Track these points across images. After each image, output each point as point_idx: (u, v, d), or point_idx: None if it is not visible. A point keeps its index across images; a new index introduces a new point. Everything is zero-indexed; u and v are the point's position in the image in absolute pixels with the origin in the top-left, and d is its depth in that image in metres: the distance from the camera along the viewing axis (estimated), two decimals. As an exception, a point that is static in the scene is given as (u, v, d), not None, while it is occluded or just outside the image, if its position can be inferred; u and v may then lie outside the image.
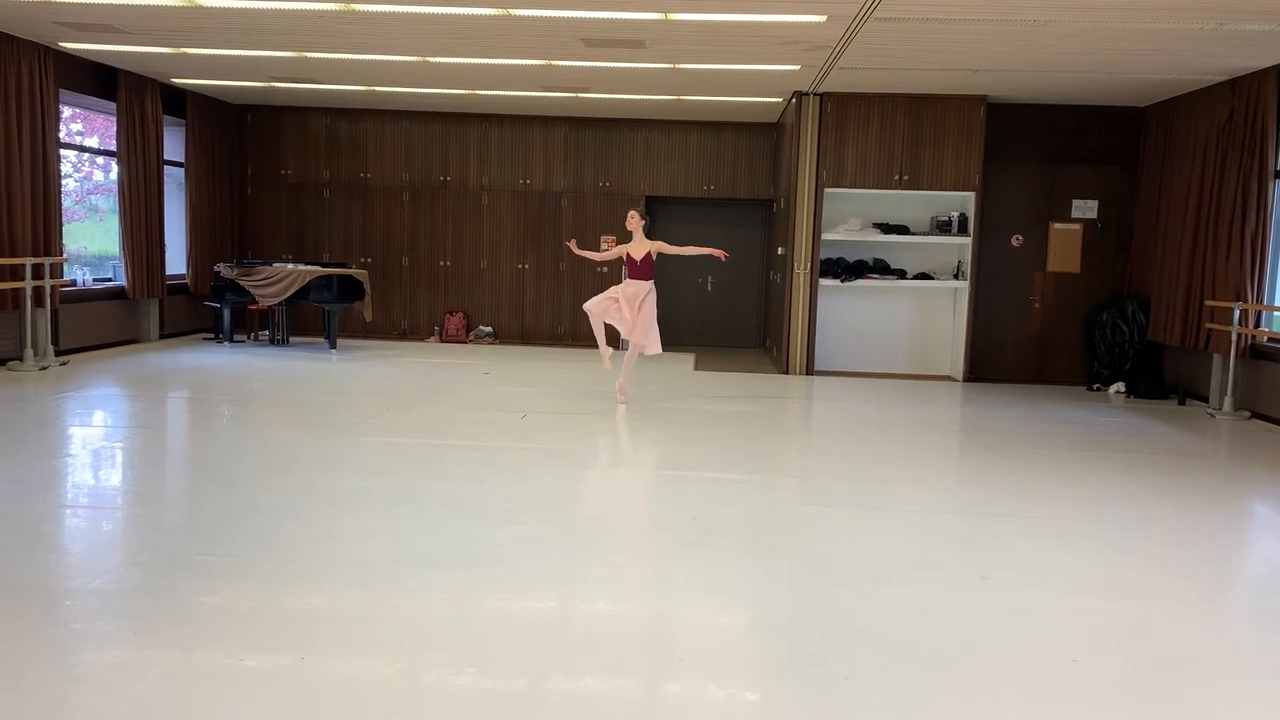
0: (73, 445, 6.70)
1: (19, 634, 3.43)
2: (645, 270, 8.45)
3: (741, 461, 6.71)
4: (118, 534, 4.79)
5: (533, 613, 3.87)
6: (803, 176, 10.95)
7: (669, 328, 13.84)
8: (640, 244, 8.46)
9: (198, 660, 3.30)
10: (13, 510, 4.93)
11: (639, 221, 8.49)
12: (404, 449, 6.73)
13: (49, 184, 9.81)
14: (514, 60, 9.59)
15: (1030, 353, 11.37)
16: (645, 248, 8.43)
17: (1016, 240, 11.25)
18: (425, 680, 3.21)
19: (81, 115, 11.70)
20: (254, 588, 4.00)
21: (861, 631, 3.73)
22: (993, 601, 4.13)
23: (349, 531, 4.76)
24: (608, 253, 9.11)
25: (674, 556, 4.56)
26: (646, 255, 8.43)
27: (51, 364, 9.59)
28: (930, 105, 10.77)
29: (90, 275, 11.48)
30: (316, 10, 7.82)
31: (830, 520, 5.31)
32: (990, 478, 6.49)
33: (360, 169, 13.45)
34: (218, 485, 5.65)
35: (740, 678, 3.34)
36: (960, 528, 5.36)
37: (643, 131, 13.25)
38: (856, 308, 11.52)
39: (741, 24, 7.80)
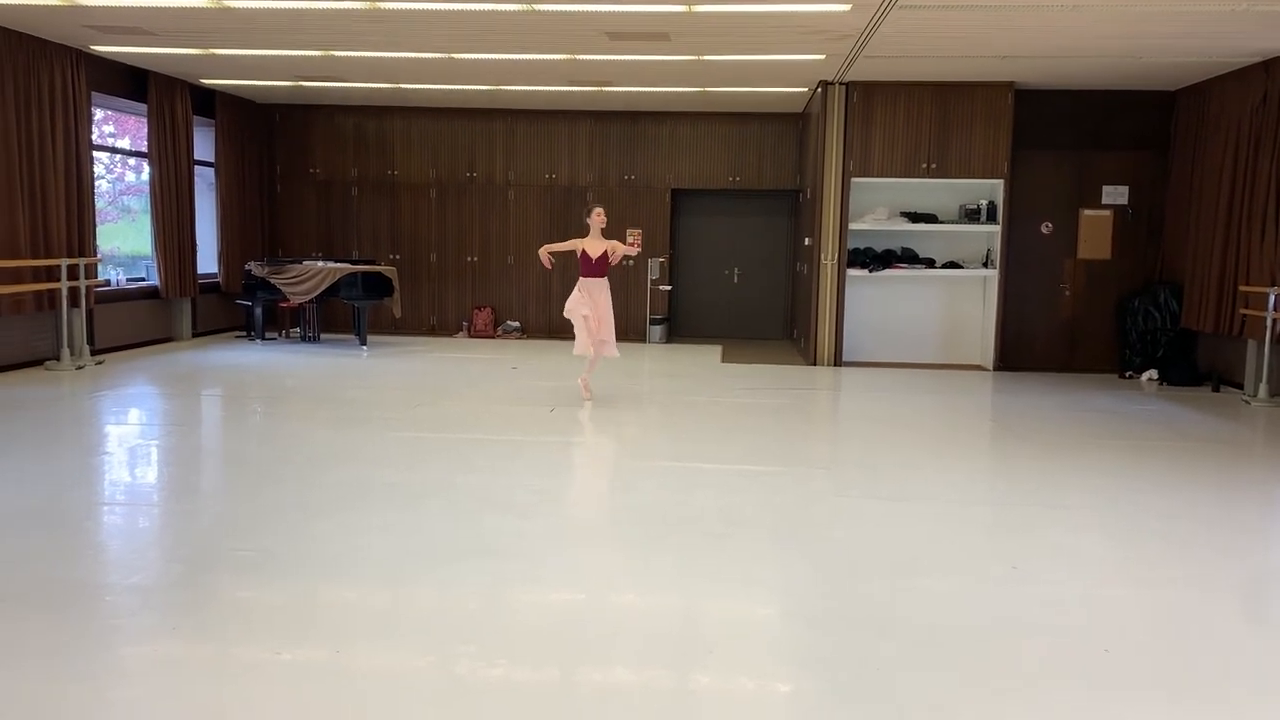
0: (109, 443, 6.81)
1: (61, 628, 3.49)
2: (601, 268, 8.29)
3: (770, 453, 6.71)
4: (155, 530, 4.86)
5: (563, 605, 3.90)
6: (829, 166, 10.91)
7: (696, 319, 13.94)
8: (599, 241, 8.28)
9: (234, 654, 3.35)
10: (53, 507, 5.02)
11: (603, 219, 8.30)
12: (434, 443, 6.78)
13: (82, 186, 9.95)
14: (538, 55, 9.61)
15: (1061, 341, 11.27)
16: (603, 246, 8.27)
17: (1046, 227, 11.15)
18: (458, 672, 3.24)
19: (113, 117, 11.84)
20: (288, 582, 4.06)
21: (893, 622, 3.72)
22: (1024, 592, 4.12)
23: (381, 525, 4.81)
24: (563, 244, 8.65)
25: (703, 548, 4.57)
26: (604, 253, 8.27)
27: (87, 363, 9.74)
28: (957, 93, 10.68)
29: (124, 275, 11.62)
30: (343, 9, 7.87)
31: (860, 511, 5.31)
32: (1021, 467, 6.45)
33: (388, 166, 13.53)
34: (252, 481, 5.72)
35: (771, 669, 3.35)
36: (991, 517, 5.34)
37: (667, 124, 13.24)
38: (885, 298, 11.47)
39: (766, 14, 7.77)
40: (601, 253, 8.26)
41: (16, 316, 9.22)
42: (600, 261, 8.26)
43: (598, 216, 8.29)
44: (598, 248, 8.27)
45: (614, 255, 8.32)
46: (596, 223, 8.28)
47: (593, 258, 8.26)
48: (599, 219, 8.29)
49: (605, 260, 8.27)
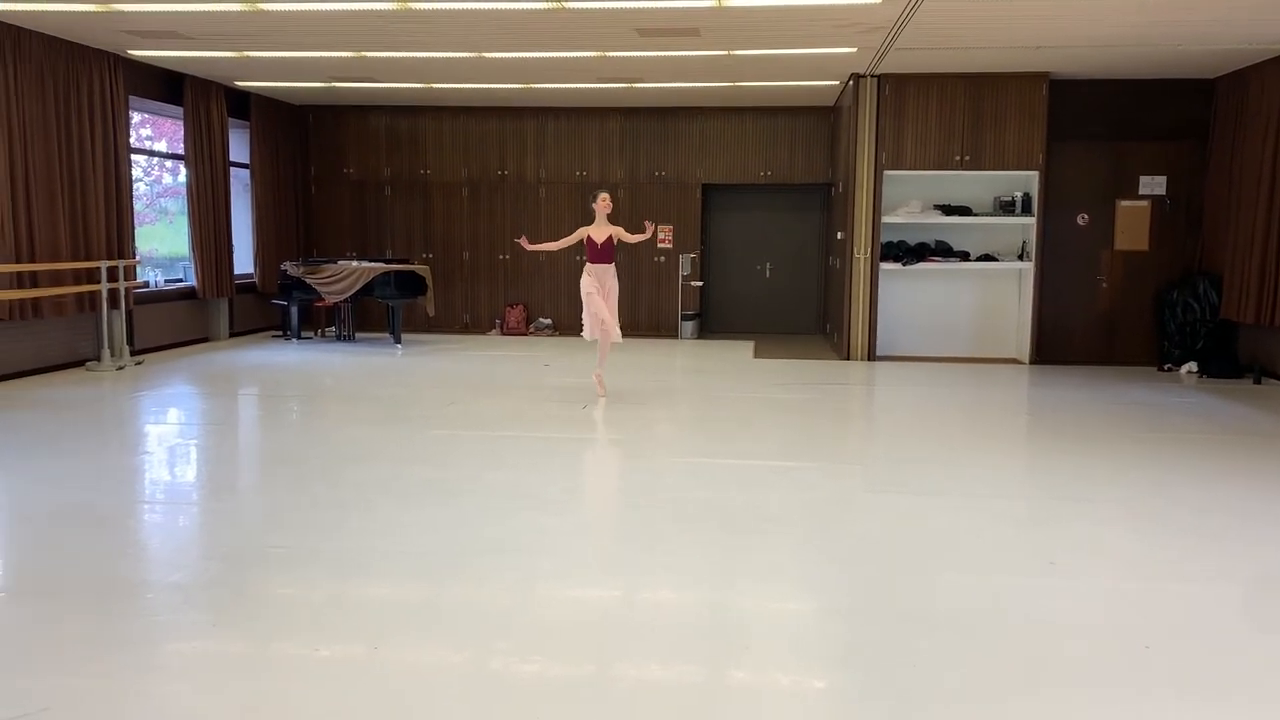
0: (150, 443, 6.91)
1: (105, 625, 3.55)
2: (607, 254, 8.27)
3: (803, 449, 6.69)
4: (195, 528, 4.93)
5: (597, 601, 3.91)
6: (861, 159, 10.84)
7: (728, 315, 13.91)
8: (604, 228, 8.27)
9: (273, 650, 3.40)
10: (96, 506, 5.10)
11: (609, 204, 8.29)
12: (468, 441, 6.82)
13: (121, 189, 10.09)
14: (568, 53, 9.63)
15: (1098, 333, 11.14)
16: (608, 231, 8.26)
17: (1082, 219, 11.03)
18: (493, 667, 3.26)
19: (150, 120, 12.00)
20: (326, 579, 4.10)
21: (927, 618, 3.70)
22: (1061, 587, 4.08)
23: (417, 522, 4.85)
24: (568, 238, 8.58)
25: (737, 544, 4.57)
26: (609, 239, 8.26)
27: (127, 364, 9.88)
28: (991, 84, 10.58)
29: (162, 276, 11.78)
30: (374, 10, 7.92)
31: (894, 506, 5.28)
32: (1058, 461, 6.39)
33: (420, 166, 13.61)
34: (289, 479, 5.78)
35: (806, 665, 3.34)
36: (1027, 512, 5.29)
37: (698, 119, 13.22)
38: (918, 291, 11.39)
39: (796, 8, 7.74)
40: (606, 238, 8.24)
41: (58, 318, 9.38)
42: (606, 247, 8.25)
43: (603, 203, 8.28)
44: (603, 233, 8.26)
45: (628, 239, 8.40)
46: (602, 209, 8.26)
47: (598, 243, 8.25)
48: (604, 205, 8.27)
49: (611, 246, 8.27)
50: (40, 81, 8.99)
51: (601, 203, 8.28)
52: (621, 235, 8.38)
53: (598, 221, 8.28)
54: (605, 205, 8.28)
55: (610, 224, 8.32)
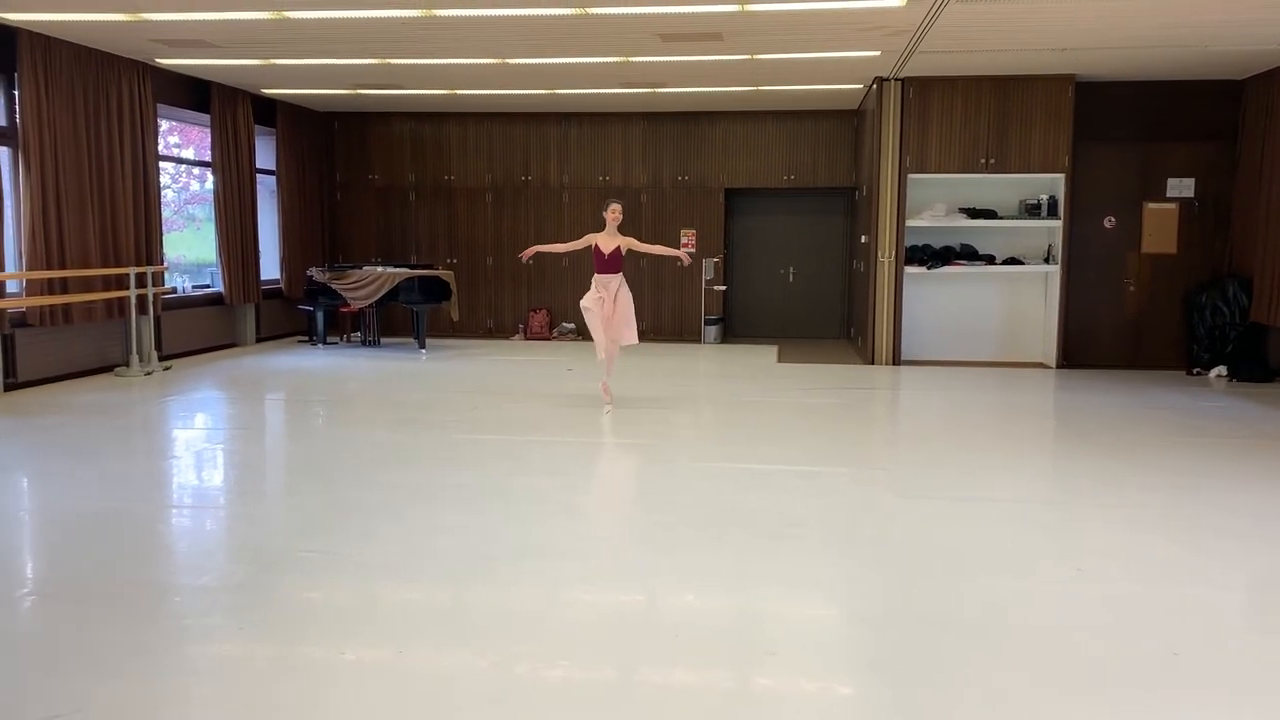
0: (177, 447, 6.97)
1: (133, 628, 3.59)
2: (615, 264, 8.16)
3: (828, 454, 6.67)
4: (222, 532, 4.97)
5: (621, 606, 3.91)
6: (885, 163, 10.80)
7: (751, 319, 13.89)
8: (613, 237, 8.16)
9: (300, 653, 3.42)
10: (125, 510, 5.15)
11: (619, 215, 8.18)
12: (492, 445, 6.83)
13: (150, 196, 10.20)
14: (591, 58, 9.65)
15: (1126, 337, 11.05)
16: (617, 242, 8.15)
17: (1109, 222, 10.94)
18: (518, 672, 3.27)
19: (178, 128, 12.12)
20: (352, 583, 4.12)
21: (954, 624, 3.68)
22: (1089, 592, 4.04)
23: (441, 527, 4.86)
24: (574, 243, 8.47)
25: (762, 550, 4.55)
26: (617, 249, 8.15)
27: (156, 369, 9.97)
28: (1016, 86, 10.52)
29: (189, 282, 11.88)
30: (398, 17, 7.97)
31: (920, 512, 5.25)
32: (1085, 466, 6.33)
33: (444, 171, 13.68)
34: (315, 483, 5.82)
35: (833, 671, 3.33)
36: (1055, 517, 5.25)
37: (721, 124, 13.21)
38: (944, 295, 11.33)
39: (820, 11, 7.72)
40: (614, 248, 8.14)
41: (88, 324, 9.48)
42: (613, 257, 8.15)
43: (613, 213, 8.17)
44: (610, 244, 8.15)
45: (641, 249, 8.34)
46: (611, 219, 8.16)
47: (605, 253, 8.14)
48: (614, 215, 8.16)
49: (619, 256, 8.17)
50: (70, 90, 9.10)
51: (611, 213, 8.17)
52: (634, 245, 8.29)
53: (607, 231, 8.18)
54: (615, 215, 8.16)
55: (620, 234, 8.22)
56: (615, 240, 8.16)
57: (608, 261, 8.15)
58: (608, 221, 8.17)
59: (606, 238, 8.17)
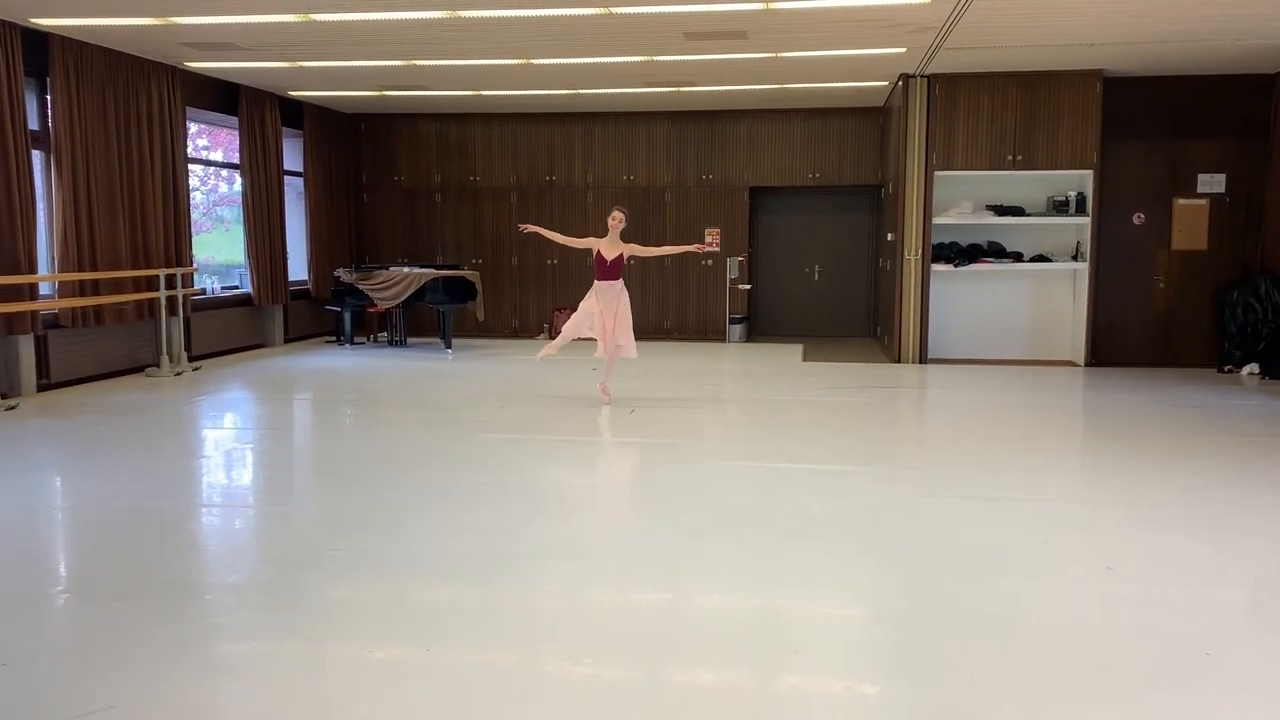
0: (207, 447, 7.04)
1: (165, 626, 3.63)
2: (615, 270, 8.09)
3: (854, 453, 6.64)
4: (252, 531, 5.02)
5: (647, 605, 3.92)
6: (911, 160, 10.75)
7: (776, 318, 13.85)
8: (615, 244, 8.08)
9: (329, 651, 3.44)
10: (156, 509, 5.21)
11: (621, 222, 8.08)
12: (518, 444, 6.86)
13: (179, 198, 10.30)
14: (616, 58, 9.66)
15: (1156, 335, 10.94)
16: (619, 249, 8.08)
17: (1138, 218, 10.83)
18: (545, 670, 3.28)
19: (206, 130, 12.23)
20: (380, 581, 4.15)
21: (982, 624, 3.66)
22: (1119, 593, 4.01)
23: (468, 525, 4.89)
24: (575, 240, 8.43)
25: (787, 549, 4.55)
26: (619, 257, 8.07)
27: (185, 369, 10.07)
28: (1043, 82, 10.44)
29: (218, 284, 12.00)
30: (424, 19, 8.01)
31: (947, 511, 5.22)
32: (1115, 465, 6.28)
33: (470, 172, 13.73)
34: (343, 482, 5.86)
35: (858, 671, 3.32)
36: (1084, 517, 5.21)
37: (745, 122, 13.19)
38: (971, 293, 11.26)
39: (844, 9, 7.70)
40: (616, 256, 8.07)
41: (119, 325, 9.59)
42: (614, 264, 8.08)
43: (614, 220, 8.08)
44: (612, 251, 8.08)
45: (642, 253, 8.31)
46: (614, 225, 8.07)
47: (607, 260, 8.07)
48: (616, 222, 8.07)
49: (620, 264, 8.10)
50: (101, 94, 9.21)
51: (614, 219, 8.09)
52: (636, 251, 8.23)
53: (609, 238, 8.10)
54: (617, 223, 8.08)
55: (623, 242, 8.14)
56: (617, 248, 8.10)
57: (609, 268, 8.09)
58: (610, 228, 8.10)
59: (608, 244, 8.10)
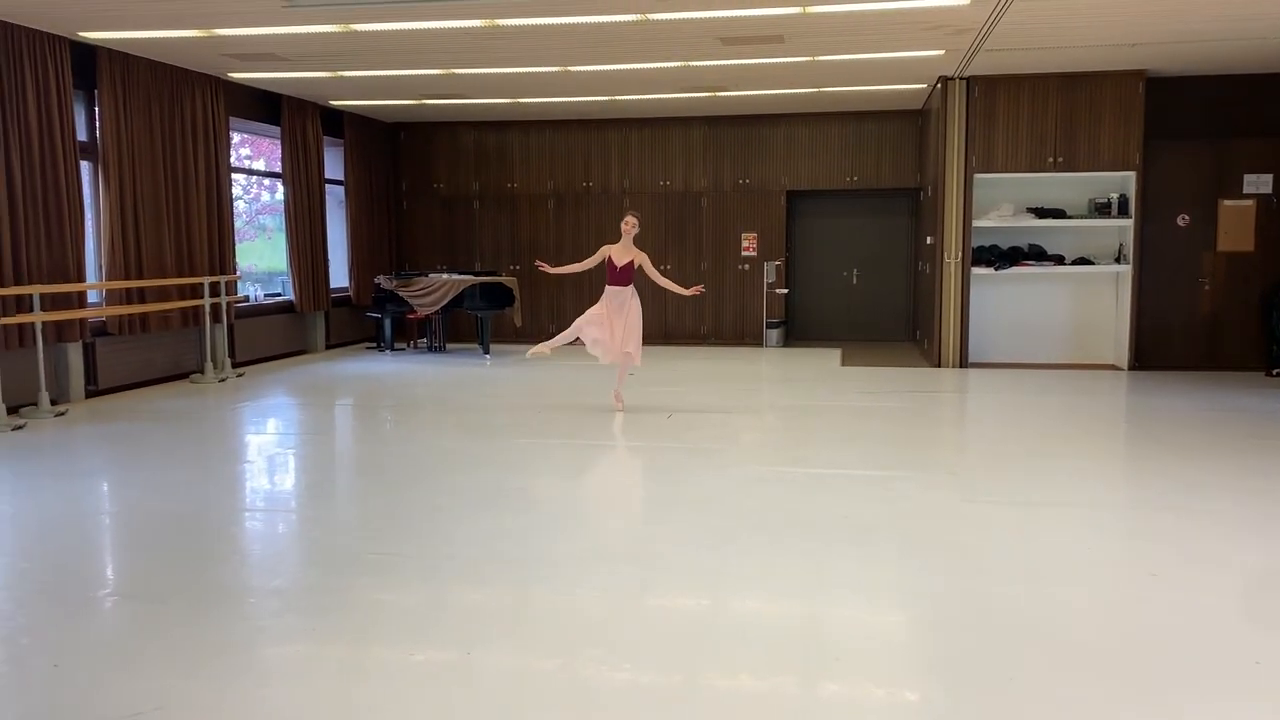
0: (250, 452, 7.13)
1: (211, 629, 3.68)
2: (625, 276, 8.02)
3: (894, 458, 6.60)
4: (293, 535, 5.07)
5: (686, 610, 3.92)
6: (950, 163, 10.67)
7: (814, 322, 13.79)
8: (627, 250, 8.02)
9: (371, 654, 3.48)
10: (200, 514, 5.29)
11: (634, 227, 8.05)
12: (556, 449, 6.88)
13: (223, 207, 10.46)
14: (652, 64, 9.68)
15: (1201, 338, 10.77)
16: (630, 255, 8.01)
17: (1183, 220, 10.68)
18: (584, 675, 3.29)
19: (249, 140, 12.40)
20: (421, 585, 4.18)
21: (1024, 630, 3.62)
22: (1164, 599, 3.95)
23: (507, 530, 4.91)
24: (589, 260, 8.31)
25: (828, 555, 4.52)
26: (629, 263, 8.00)
27: (229, 376, 10.21)
28: (1084, 83, 10.33)
29: (261, 291, 12.15)
30: (463, 28, 8.08)
31: (989, 516, 5.18)
32: (1159, 470, 6.19)
33: (507, 179, 13.82)
34: (384, 487, 5.91)
35: (900, 677, 3.30)
36: (1128, 522, 5.14)
37: (782, 126, 13.16)
38: (1012, 296, 11.15)
39: (882, 11, 7.66)
40: (627, 261, 8.00)
41: (164, 332, 9.74)
42: (625, 270, 8.01)
43: (628, 225, 8.05)
44: (624, 256, 8.02)
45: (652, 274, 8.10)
46: (627, 230, 8.04)
47: (618, 265, 8.01)
48: (629, 227, 8.04)
49: (630, 270, 8.02)
50: (147, 105, 9.38)
51: (627, 224, 8.06)
52: (646, 266, 8.09)
53: (622, 242, 8.06)
54: (630, 227, 8.05)
55: (636, 249, 8.08)
56: (630, 254, 8.04)
57: (619, 274, 8.03)
58: (624, 232, 8.06)
59: (621, 249, 8.06)
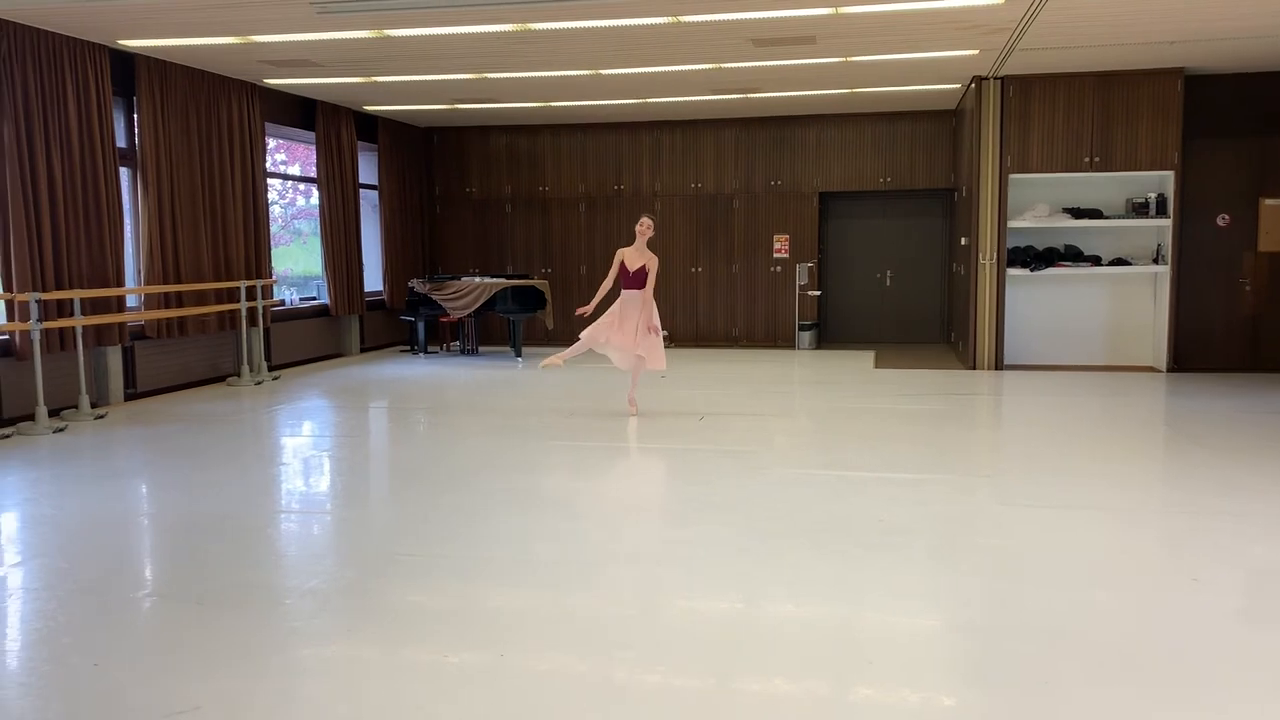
0: (286, 454, 7.20)
1: (247, 629, 3.72)
2: (639, 280, 7.93)
3: (929, 461, 6.55)
4: (329, 536, 5.11)
5: (719, 613, 3.90)
6: (985, 163, 10.58)
7: (847, 325, 13.73)
8: (641, 254, 7.94)
9: (406, 656, 3.49)
10: (238, 515, 5.34)
11: (649, 230, 7.97)
12: (587, 451, 6.89)
13: (259, 212, 10.57)
14: (684, 66, 9.68)
15: (1242, 339, 10.60)
16: (643, 259, 7.93)
17: (1222, 220, 10.52)
18: (617, 677, 3.29)
19: (284, 145, 12.53)
20: (455, 587, 4.20)
21: (1060, 635, 3.58)
22: (1205, 605, 3.89)
23: (540, 532, 4.92)
24: (610, 274, 8.10)
25: (861, 558, 4.50)
26: (642, 267, 7.92)
27: (265, 379, 10.32)
28: (1121, 82, 10.21)
29: (297, 295, 12.27)
30: (495, 32, 8.12)
31: (1025, 520, 5.12)
32: (1199, 473, 6.10)
33: (539, 183, 13.87)
34: (418, 489, 5.95)
35: (934, 682, 3.27)
36: (1167, 526, 5.07)
37: (814, 127, 13.11)
38: (1048, 297, 11.04)
39: (915, 11, 7.62)
40: (640, 266, 7.93)
41: (202, 336, 9.87)
42: (638, 274, 7.94)
43: (642, 228, 7.98)
44: (637, 260, 7.95)
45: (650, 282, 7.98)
46: (642, 233, 7.98)
47: (630, 270, 7.95)
48: (643, 230, 7.98)
49: (643, 274, 7.95)
50: (184, 112, 9.50)
51: (641, 227, 7.99)
52: (651, 271, 7.99)
53: (636, 245, 7.99)
54: (644, 230, 7.98)
55: (649, 253, 8.00)
56: (643, 257, 7.97)
57: (632, 278, 7.97)
58: (638, 235, 8.01)
59: (634, 253, 7.98)
